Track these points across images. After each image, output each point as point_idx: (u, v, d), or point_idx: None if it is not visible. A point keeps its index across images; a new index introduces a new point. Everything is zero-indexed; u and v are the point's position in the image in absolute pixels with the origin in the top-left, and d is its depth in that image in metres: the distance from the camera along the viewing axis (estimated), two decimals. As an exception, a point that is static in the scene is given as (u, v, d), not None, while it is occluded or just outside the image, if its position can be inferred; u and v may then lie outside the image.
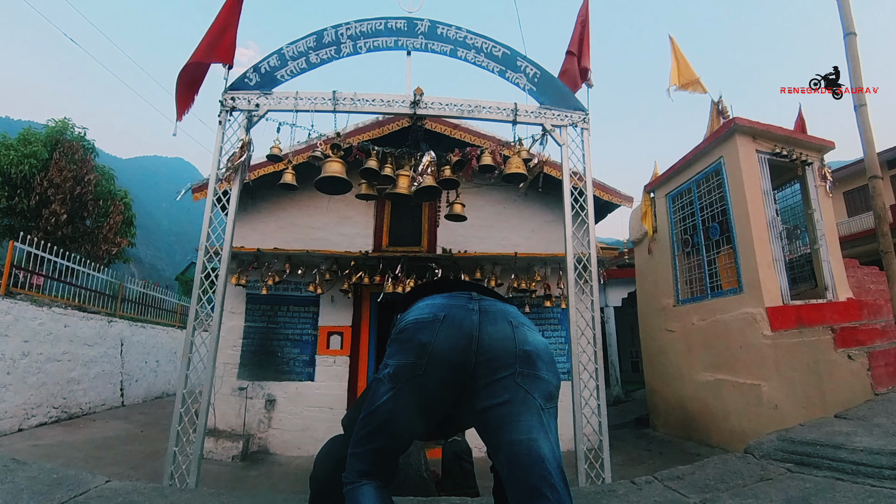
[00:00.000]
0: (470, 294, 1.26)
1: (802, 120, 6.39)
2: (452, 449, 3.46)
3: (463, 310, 1.20)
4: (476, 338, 1.14)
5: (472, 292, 1.27)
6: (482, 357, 1.14)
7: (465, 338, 1.15)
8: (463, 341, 1.14)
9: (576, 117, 3.74)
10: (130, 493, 2.01)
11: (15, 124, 29.35)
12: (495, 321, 1.18)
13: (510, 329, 1.18)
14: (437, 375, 1.14)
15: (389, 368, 1.19)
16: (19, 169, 10.48)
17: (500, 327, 1.17)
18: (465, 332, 1.15)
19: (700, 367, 5.46)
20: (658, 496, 2.07)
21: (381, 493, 1.21)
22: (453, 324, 1.16)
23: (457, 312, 1.19)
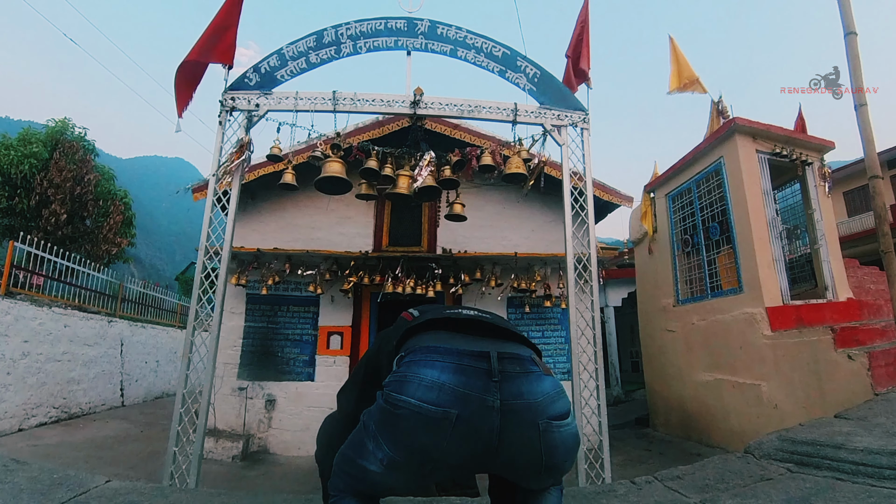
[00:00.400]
0: (489, 364, 1.02)
1: (802, 120, 6.39)
2: (452, 449, 3.46)
3: (481, 407, 0.97)
4: (494, 448, 0.99)
5: (490, 353, 1.04)
6: (500, 463, 1.03)
7: (482, 449, 0.98)
8: (478, 451, 0.99)
9: (576, 117, 3.74)
10: (130, 493, 2.01)
11: (15, 124, 29.34)
12: (520, 427, 0.99)
13: (537, 436, 1.00)
14: (440, 475, 1.07)
15: (382, 455, 1.02)
16: (19, 169, 10.48)
17: (525, 436, 0.99)
18: (482, 444, 0.98)
19: (700, 367, 5.46)
20: (658, 496, 2.07)
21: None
22: (468, 431, 0.97)
23: (473, 412, 0.97)
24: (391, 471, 1.03)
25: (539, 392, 1.04)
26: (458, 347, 1.05)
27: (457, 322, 1.19)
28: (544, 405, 1.02)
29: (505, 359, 1.04)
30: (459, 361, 1.02)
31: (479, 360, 1.02)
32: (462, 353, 1.04)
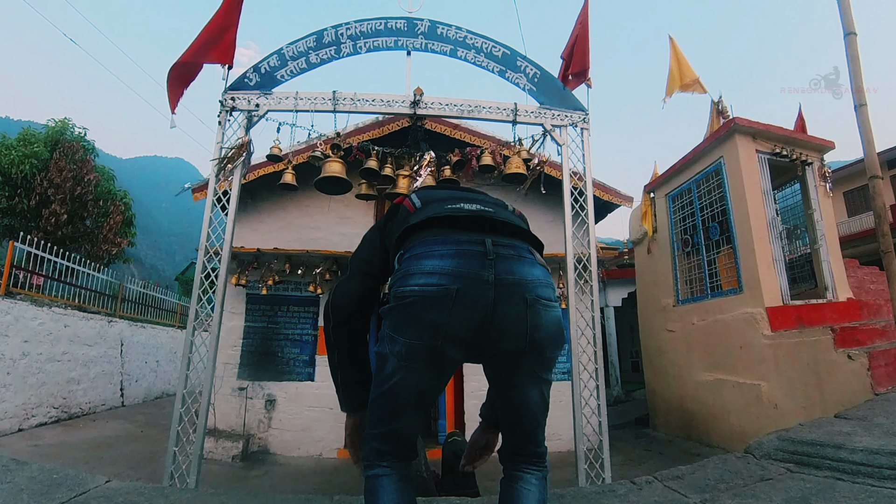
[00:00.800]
0: (484, 247, 1.12)
1: (802, 120, 6.39)
2: (452, 449, 3.46)
3: (478, 282, 1.09)
4: (489, 318, 1.10)
5: (486, 238, 1.14)
6: (494, 335, 1.13)
7: (479, 318, 1.10)
8: (476, 322, 1.10)
9: (576, 117, 3.73)
10: (130, 493, 2.01)
11: (15, 124, 29.35)
12: (511, 299, 1.11)
13: (524, 310, 1.12)
14: (451, 354, 1.13)
15: (399, 346, 1.12)
16: (19, 169, 10.48)
17: (514, 308, 1.11)
18: (480, 313, 1.09)
19: (700, 367, 5.46)
20: (658, 496, 2.07)
21: (402, 486, 1.18)
22: (467, 304, 1.09)
23: (471, 286, 1.09)
24: (409, 362, 1.12)
25: (529, 273, 1.15)
26: (456, 237, 1.16)
27: (457, 219, 1.22)
28: (534, 285, 1.14)
29: (500, 245, 1.15)
30: (458, 248, 1.13)
31: (475, 245, 1.13)
32: (460, 241, 1.14)
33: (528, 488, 1.23)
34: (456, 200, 1.30)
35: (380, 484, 1.17)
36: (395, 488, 1.16)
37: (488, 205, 1.31)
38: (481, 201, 1.33)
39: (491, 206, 1.30)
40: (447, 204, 1.28)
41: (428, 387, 1.18)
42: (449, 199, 1.31)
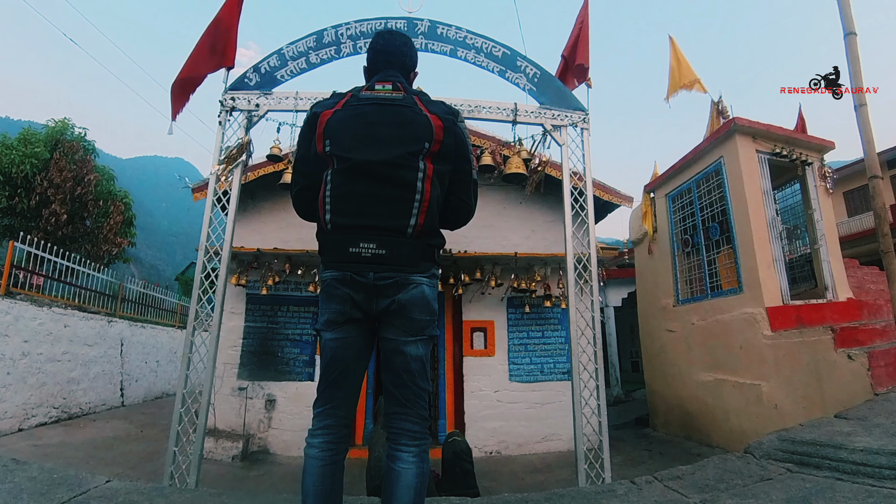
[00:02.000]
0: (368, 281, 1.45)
1: (802, 120, 6.39)
2: (452, 449, 3.46)
3: (360, 277, 1.45)
4: (375, 295, 1.44)
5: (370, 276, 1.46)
6: (374, 309, 1.46)
7: (368, 299, 1.45)
8: (365, 302, 1.45)
9: (576, 117, 3.73)
10: (130, 493, 2.01)
11: (15, 124, 29.38)
12: (384, 287, 1.44)
13: (394, 288, 1.43)
14: (351, 325, 1.48)
15: (322, 318, 1.51)
16: (19, 169, 10.48)
17: (387, 289, 1.43)
18: (368, 297, 1.45)
19: (700, 367, 5.46)
20: (658, 496, 2.07)
21: (329, 455, 1.41)
22: (358, 291, 1.45)
23: (357, 284, 1.45)
24: (332, 328, 1.49)
25: (393, 283, 1.46)
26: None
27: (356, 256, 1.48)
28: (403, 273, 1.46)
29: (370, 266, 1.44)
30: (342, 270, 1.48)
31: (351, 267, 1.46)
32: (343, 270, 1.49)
33: (401, 467, 1.37)
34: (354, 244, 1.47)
35: (307, 455, 1.42)
36: (317, 467, 1.39)
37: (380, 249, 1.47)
38: (374, 247, 1.47)
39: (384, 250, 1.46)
40: (350, 248, 1.46)
41: (352, 347, 1.51)
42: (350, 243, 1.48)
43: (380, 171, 1.45)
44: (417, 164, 1.46)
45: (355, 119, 1.50)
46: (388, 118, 1.50)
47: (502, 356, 6.11)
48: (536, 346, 6.20)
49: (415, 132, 1.48)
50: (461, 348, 6.11)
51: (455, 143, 1.55)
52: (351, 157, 1.46)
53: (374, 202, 1.44)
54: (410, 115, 1.51)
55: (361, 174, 1.45)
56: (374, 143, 1.47)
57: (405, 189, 1.45)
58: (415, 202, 1.45)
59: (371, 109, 1.52)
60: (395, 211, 1.44)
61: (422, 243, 1.47)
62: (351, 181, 1.46)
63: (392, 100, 1.54)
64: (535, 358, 6.15)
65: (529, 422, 5.83)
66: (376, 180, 1.45)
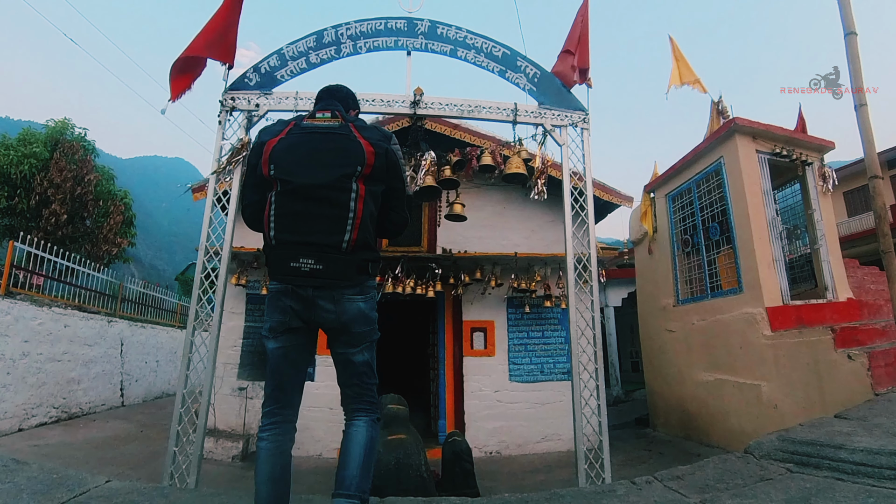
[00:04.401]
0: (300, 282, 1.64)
1: (802, 120, 6.38)
2: (452, 449, 3.47)
3: (300, 291, 1.64)
4: (314, 309, 1.65)
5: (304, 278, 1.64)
6: (317, 324, 1.69)
7: (307, 311, 1.65)
8: (304, 313, 1.65)
9: (576, 117, 3.73)
10: (130, 493, 2.01)
11: (15, 124, 29.35)
12: (322, 302, 1.65)
13: (332, 305, 1.65)
14: (291, 332, 1.68)
15: (266, 326, 1.71)
16: (19, 169, 10.48)
17: (326, 306, 1.65)
18: (306, 310, 1.65)
19: (700, 367, 5.46)
20: (658, 496, 2.07)
21: (276, 444, 1.65)
22: (297, 302, 1.65)
23: (296, 296, 1.65)
24: (274, 336, 1.68)
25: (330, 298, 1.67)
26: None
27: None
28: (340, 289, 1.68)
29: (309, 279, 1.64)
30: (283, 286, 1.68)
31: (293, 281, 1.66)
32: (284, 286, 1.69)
33: (355, 431, 1.70)
34: (295, 257, 1.65)
35: (259, 447, 1.64)
36: (268, 454, 1.62)
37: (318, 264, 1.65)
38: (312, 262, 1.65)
39: (320, 266, 1.64)
40: (291, 263, 1.63)
41: (292, 351, 1.71)
42: (291, 257, 1.65)
43: (317, 193, 1.64)
44: (350, 185, 1.66)
45: (297, 147, 1.71)
46: (325, 145, 1.71)
47: (502, 356, 6.11)
48: (536, 346, 6.20)
49: (348, 158, 1.68)
50: (461, 348, 6.11)
51: (387, 166, 1.75)
52: (292, 180, 1.65)
53: (312, 221, 1.63)
54: (345, 142, 1.71)
55: (302, 196, 1.65)
56: (312, 168, 1.66)
57: (339, 208, 1.64)
58: (348, 220, 1.64)
59: (310, 138, 1.72)
60: (330, 228, 1.63)
61: (356, 258, 1.67)
62: (292, 202, 1.65)
63: (329, 128, 1.74)
64: (535, 358, 6.15)
65: (529, 422, 5.83)
66: (314, 201, 1.64)
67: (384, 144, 1.76)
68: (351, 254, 1.65)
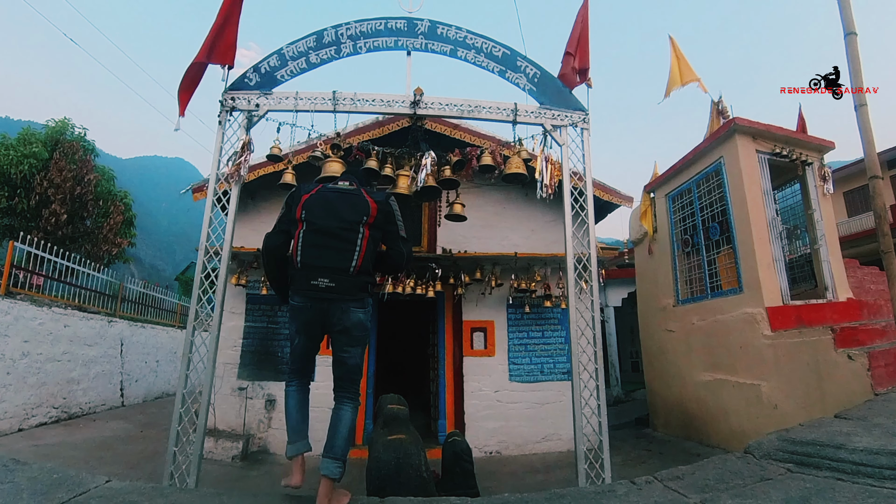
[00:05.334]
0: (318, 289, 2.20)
1: (802, 120, 6.38)
2: (452, 449, 3.47)
3: (318, 302, 2.21)
4: (327, 316, 2.22)
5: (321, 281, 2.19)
6: (327, 327, 2.25)
7: (321, 317, 2.23)
8: (319, 319, 2.23)
9: (576, 117, 3.73)
10: (130, 493, 2.01)
11: (15, 124, 29.34)
12: (333, 311, 2.21)
13: (340, 314, 2.21)
14: (310, 330, 2.30)
15: (292, 326, 2.34)
16: (19, 169, 10.48)
17: (335, 314, 2.21)
18: (321, 316, 2.23)
19: (700, 367, 5.46)
20: (658, 496, 2.07)
21: (300, 392, 2.39)
22: (314, 310, 2.23)
23: (315, 305, 2.22)
24: (299, 334, 2.31)
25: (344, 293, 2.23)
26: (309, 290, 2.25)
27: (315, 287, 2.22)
28: (346, 303, 2.24)
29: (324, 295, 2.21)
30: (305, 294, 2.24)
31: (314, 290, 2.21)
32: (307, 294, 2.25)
33: (342, 413, 2.28)
34: (314, 276, 2.20)
35: (287, 392, 2.35)
36: (296, 393, 2.35)
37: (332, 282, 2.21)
38: (328, 280, 2.21)
39: (334, 283, 2.20)
40: (311, 280, 2.20)
41: (307, 341, 2.33)
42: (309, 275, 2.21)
43: (335, 232, 2.24)
44: (358, 229, 2.26)
45: (323, 200, 2.33)
46: (343, 200, 2.33)
47: (502, 356, 6.11)
48: (536, 346, 6.20)
49: (358, 209, 2.30)
50: (461, 348, 6.11)
51: (385, 218, 2.38)
52: (316, 222, 2.25)
53: (329, 251, 2.21)
54: (358, 200, 2.34)
55: (322, 234, 2.23)
56: (332, 215, 2.27)
57: (349, 243, 2.23)
58: (355, 252, 2.22)
59: (334, 195, 2.36)
60: (342, 257, 2.21)
61: (359, 280, 2.24)
62: (314, 237, 2.23)
63: (348, 190, 2.40)
64: (535, 358, 6.15)
65: (529, 422, 5.83)
66: (332, 237, 2.23)
67: (385, 202, 2.40)
68: (356, 276, 2.21)
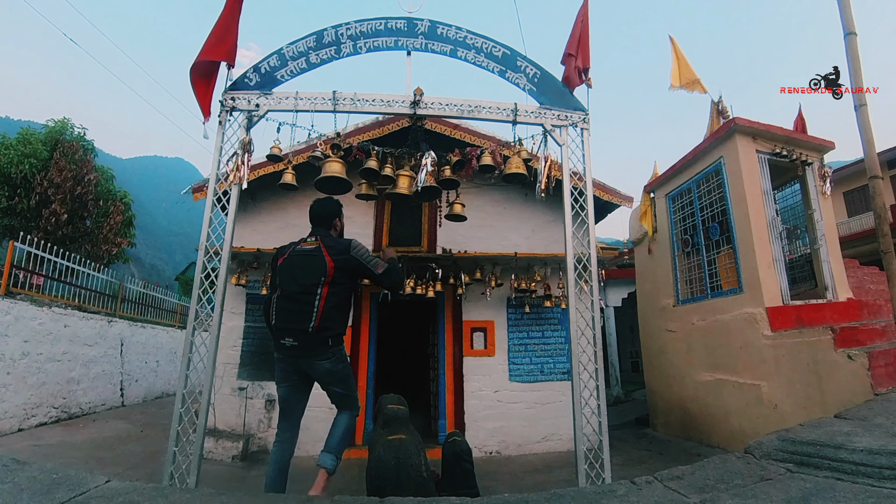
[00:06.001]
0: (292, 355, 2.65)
1: (802, 120, 6.38)
2: (452, 449, 3.46)
3: (289, 357, 2.68)
4: (299, 368, 2.70)
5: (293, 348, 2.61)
6: (304, 375, 2.72)
7: (295, 368, 2.71)
8: (293, 369, 2.72)
9: (576, 117, 3.73)
10: (130, 493, 2.01)
11: (15, 124, 29.35)
12: (301, 364, 2.67)
13: (308, 366, 2.67)
14: (288, 378, 2.74)
15: (276, 375, 2.78)
16: (19, 169, 10.48)
17: (305, 366, 2.68)
18: (295, 367, 2.72)
19: (700, 367, 5.46)
20: (658, 496, 2.07)
21: (283, 449, 2.75)
22: (287, 363, 2.71)
23: (287, 359, 2.70)
24: (279, 384, 2.75)
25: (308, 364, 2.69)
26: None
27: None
28: (318, 359, 2.65)
29: (291, 352, 2.64)
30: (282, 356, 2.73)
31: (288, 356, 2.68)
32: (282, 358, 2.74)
33: (340, 418, 2.79)
34: (280, 336, 2.62)
35: (273, 450, 2.81)
36: (277, 450, 2.80)
37: (296, 341, 2.60)
38: (292, 340, 2.60)
39: (297, 342, 2.60)
40: (280, 340, 2.62)
41: (289, 394, 2.82)
42: (278, 335, 2.65)
43: (295, 296, 2.57)
44: (315, 291, 2.57)
45: (289, 265, 2.67)
46: (303, 264, 2.64)
47: (502, 356, 6.11)
48: (536, 346, 6.20)
49: (316, 272, 2.59)
50: (461, 348, 6.11)
51: (351, 271, 2.69)
52: (284, 287, 2.62)
53: (291, 314, 2.55)
54: (317, 261, 2.62)
55: (288, 298, 2.59)
56: (294, 280, 2.61)
57: (307, 305, 2.54)
58: (312, 313, 2.53)
59: (298, 259, 2.67)
60: (301, 318, 2.53)
61: (319, 336, 2.55)
62: (283, 301, 2.60)
63: (309, 252, 2.67)
64: (535, 358, 6.15)
65: (529, 422, 5.83)
66: (293, 301, 2.57)
67: (346, 258, 2.65)
68: (315, 334, 2.53)
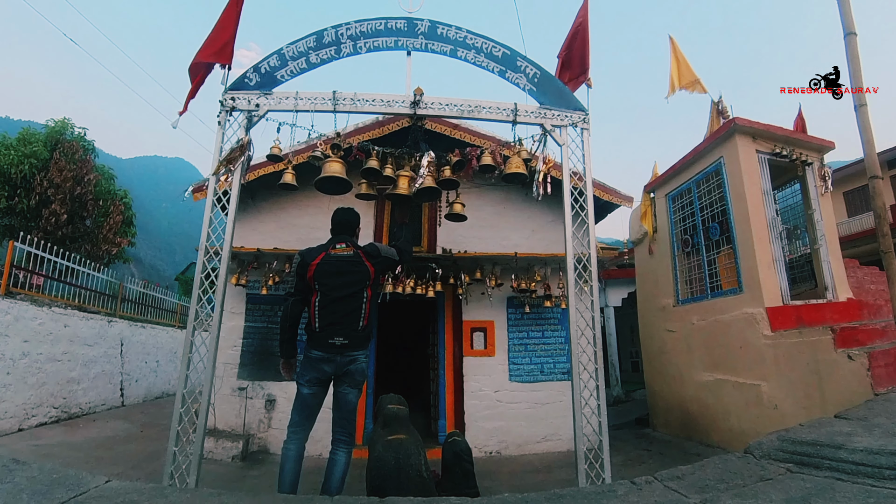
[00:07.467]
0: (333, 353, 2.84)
1: (802, 120, 6.38)
2: (452, 449, 3.47)
3: (334, 355, 2.84)
4: (339, 364, 2.83)
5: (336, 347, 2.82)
6: (336, 372, 2.84)
7: (333, 366, 2.84)
8: (332, 368, 2.84)
9: (576, 117, 3.73)
10: (130, 493, 2.01)
11: (15, 124, 29.34)
12: (344, 360, 2.83)
13: (349, 362, 2.83)
14: (322, 378, 2.87)
15: (305, 376, 2.88)
16: (19, 169, 10.48)
17: (345, 362, 2.82)
18: (333, 365, 2.85)
19: (700, 367, 5.46)
20: (658, 496, 2.07)
21: (297, 448, 2.82)
22: (329, 361, 2.84)
23: (331, 357, 2.84)
24: (309, 385, 2.85)
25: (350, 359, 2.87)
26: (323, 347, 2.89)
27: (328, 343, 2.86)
28: (351, 356, 2.87)
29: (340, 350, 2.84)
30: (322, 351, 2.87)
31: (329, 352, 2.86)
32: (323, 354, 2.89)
33: (338, 457, 2.79)
34: (332, 339, 2.83)
35: (285, 450, 2.85)
36: (290, 454, 2.81)
37: (344, 339, 2.85)
38: (341, 339, 2.84)
39: (346, 340, 2.84)
40: (328, 339, 2.83)
41: (312, 393, 2.91)
42: (327, 335, 2.86)
43: (344, 299, 2.83)
44: (363, 293, 2.87)
45: (329, 270, 2.88)
46: (346, 269, 2.90)
47: (502, 356, 6.11)
48: (536, 346, 6.20)
49: (361, 277, 2.89)
50: (461, 348, 6.11)
51: (382, 269, 3.08)
52: (328, 292, 2.84)
53: (341, 315, 2.81)
54: (359, 266, 2.91)
55: (335, 300, 2.82)
56: (340, 284, 2.85)
57: (357, 307, 2.84)
58: (362, 312, 2.85)
59: (338, 264, 2.90)
60: (352, 318, 2.82)
61: (365, 333, 2.85)
62: (329, 303, 2.82)
63: (348, 257, 2.93)
64: (535, 358, 6.15)
65: (529, 422, 5.83)
66: (342, 303, 2.83)
67: (377, 260, 2.98)
68: (362, 331, 2.83)
